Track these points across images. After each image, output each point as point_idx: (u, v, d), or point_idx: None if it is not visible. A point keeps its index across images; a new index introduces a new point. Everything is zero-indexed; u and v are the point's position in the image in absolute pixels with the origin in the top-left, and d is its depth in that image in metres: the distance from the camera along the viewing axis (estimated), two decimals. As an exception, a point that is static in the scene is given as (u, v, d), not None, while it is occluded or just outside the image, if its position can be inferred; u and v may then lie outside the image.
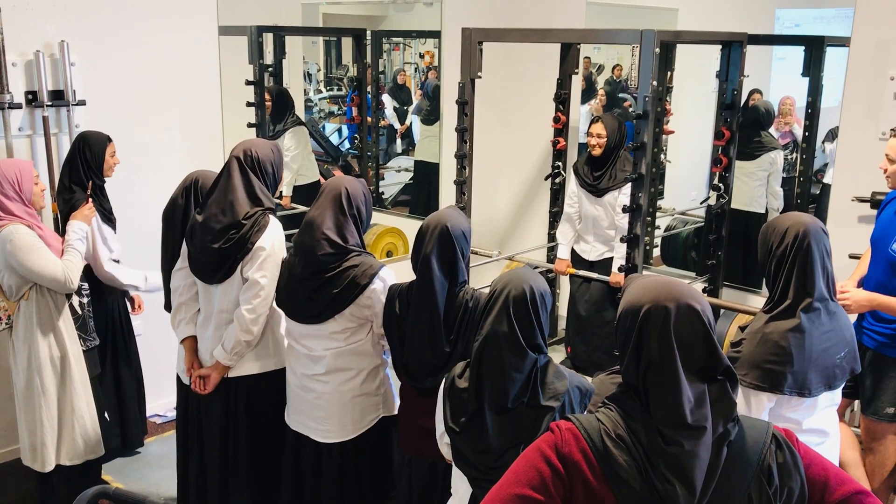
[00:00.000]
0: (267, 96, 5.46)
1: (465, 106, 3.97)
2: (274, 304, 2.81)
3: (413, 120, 6.81)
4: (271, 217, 2.77)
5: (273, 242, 2.73)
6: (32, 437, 3.20)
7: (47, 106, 3.64)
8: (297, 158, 5.47)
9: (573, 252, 4.42)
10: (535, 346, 1.97)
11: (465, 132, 4.00)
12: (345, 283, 2.59)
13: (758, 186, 4.58)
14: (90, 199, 3.35)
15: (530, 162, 5.10)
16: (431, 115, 5.79)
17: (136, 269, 3.59)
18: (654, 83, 3.52)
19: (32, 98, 3.63)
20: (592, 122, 4.22)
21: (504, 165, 5.10)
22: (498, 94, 4.84)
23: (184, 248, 2.87)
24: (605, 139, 4.11)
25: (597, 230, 4.30)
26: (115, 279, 3.50)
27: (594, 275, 4.25)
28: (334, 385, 2.69)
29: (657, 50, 3.51)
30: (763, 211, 4.51)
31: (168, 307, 3.17)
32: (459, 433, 1.99)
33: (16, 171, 3.06)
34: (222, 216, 2.71)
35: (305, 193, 5.34)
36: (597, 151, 4.14)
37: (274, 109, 5.57)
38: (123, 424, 3.87)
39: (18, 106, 3.59)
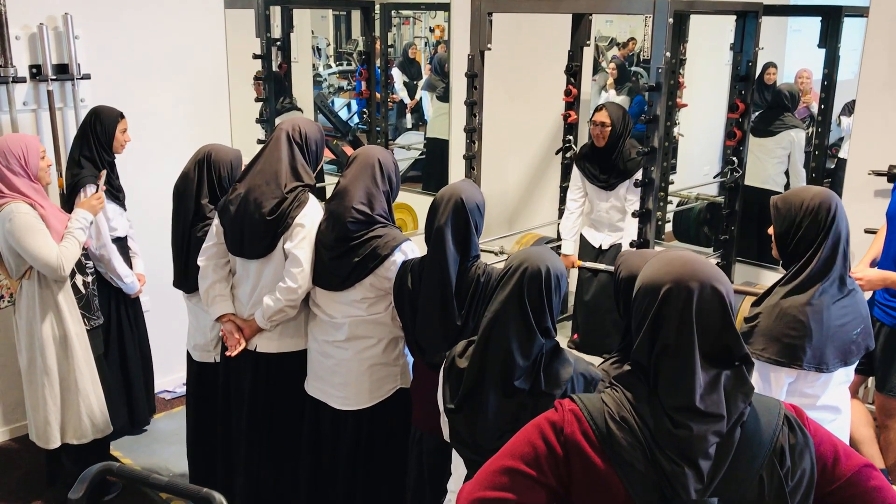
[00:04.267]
0: (259, 82, 5.41)
1: (475, 79, 3.91)
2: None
3: (423, 95, 6.74)
4: (310, 194, 2.78)
5: (312, 220, 2.74)
6: (37, 416, 3.20)
7: (52, 80, 3.60)
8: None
9: (582, 238, 4.36)
10: (544, 330, 1.90)
11: (474, 106, 3.94)
12: (366, 253, 2.61)
13: (776, 164, 4.52)
14: (101, 188, 3.29)
15: (541, 136, 5.04)
16: (445, 92, 5.74)
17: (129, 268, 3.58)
18: (668, 54, 3.45)
19: (36, 72, 3.59)
20: (596, 110, 4.14)
21: (514, 139, 5.04)
22: (508, 67, 4.77)
23: (215, 226, 2.85)
24: (609, 128, 4.03)
25: (610, 222, 4.25)
26: (108, 262, 3.44)
27: (602, 266, 4.20)
28: (353, 352, 2.71)
29: (671, 20, 3.43)
30: (781, 189, 4.45)
31: (177, 284, 3.15)
32: (456, 413, 1.95)
33: (22, 146, 3.02)
34: (266, 187, 2.72)
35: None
36: (600, 142, 4.05)
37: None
38: (131, 402, 3.87)
39: (22, 80, 3.55)
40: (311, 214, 2.74)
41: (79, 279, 3.18)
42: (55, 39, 3.61)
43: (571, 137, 4.62)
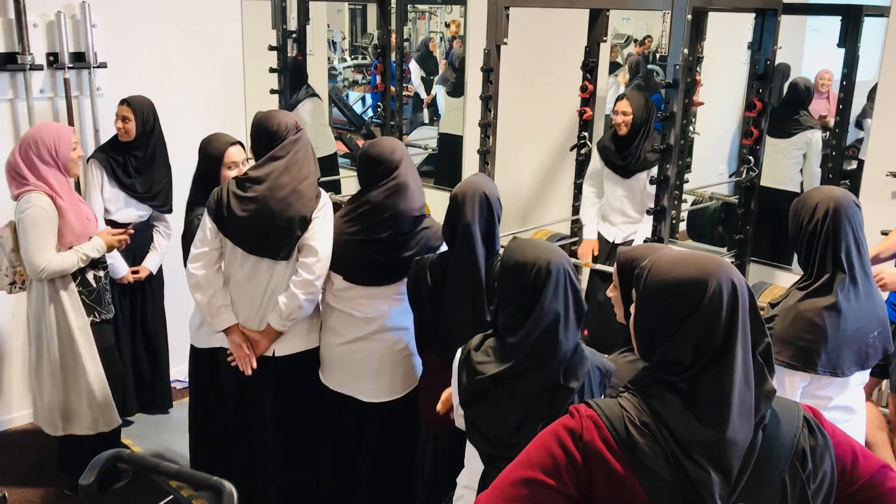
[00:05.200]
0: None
1: (490, 73, 3.88)
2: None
3: (438, 90, 6.73)
4: (320, 188, 2.83)
5: (327, 212, 2.77)
6: (41, 403, 3.23)
7: (68, 68, 3.61)
8: (308, 131, 5.43)
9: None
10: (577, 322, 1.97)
11: (489, 100, 3.91)
12: (419, 246, 2.67)
13: (792, 165, 4.47)
14: (127, 232, 3.31)
15: (555, 132, 5.01)
16: (457, 88, 5.72)
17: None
18: (686, 51, 3.42)
19: (54, 60, 3.60)
20: (618, 99, 4.10)
21: (528, 135, 5.02)
22: (524, 62, 4.75)
23: (209, 230, 2.77)
24: (632, 117, 4.00)
25: (624, 212, 4.21)
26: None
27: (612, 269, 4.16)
28: (387, 344, 2.75)
29: (689, 16, 3.40)
30: (797, 189, 4.42)
31: None
32: (471, 406, 1.95)
33: (55, 136, 3.03)
34: (300, 185, 2.75)
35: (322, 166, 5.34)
36: (623, 130, 4.01)
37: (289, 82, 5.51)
38: (144, 391, 3.90)
39: (40, 68, 3.56)
40: (325, 207, 2.76)
41: (90, 274, 3.19)
42: (72, 28, 3.62)
43: (587, 134, 4.58)
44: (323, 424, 2.95)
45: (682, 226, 4.98)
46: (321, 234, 2.73)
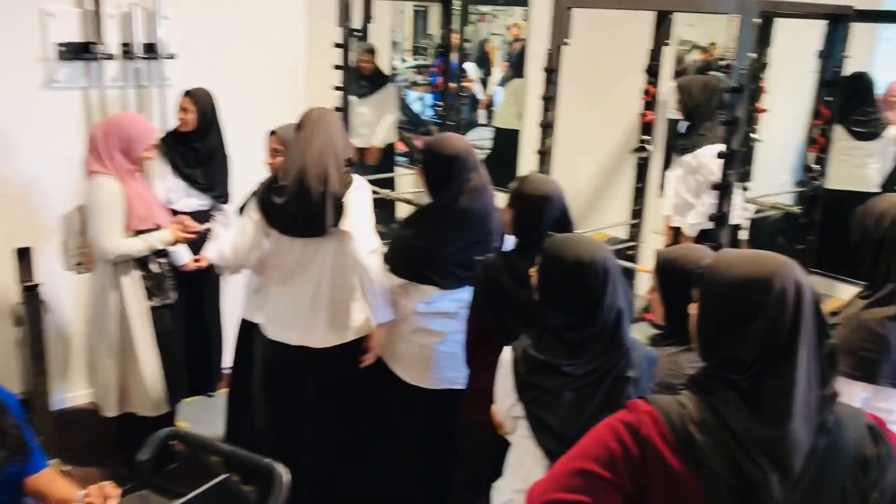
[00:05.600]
0: (367, 56, 5.50)
1: (552, 74, 3.87)
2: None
3: (497, 91, 6.74)
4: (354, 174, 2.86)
5: (365, 197, 2.83)
6: (97, 383, 3.34)
7: (140, 58, 3.71)
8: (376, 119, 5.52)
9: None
10: None
11: (549, 100, 3.90)
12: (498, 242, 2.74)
13: (870, 167, 4.39)
14: (197, 230, 3.37)
15: (615, 134, 4.98)
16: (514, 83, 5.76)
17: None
18: (752, 55, 3.38)
19: (126, 50, 3.70)
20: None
21: (587, 137, 4.99)
22: (585, 63, 4.72)
23: (254, 222, 2.86)
24: (680, 103, 4.02)
25: (676, 191, 4.20)
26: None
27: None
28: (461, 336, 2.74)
29: (758, 21, 3.35)
30: (869, 193, 4.35)
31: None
32: (539, 403, 1.96)
33: (139, 131, 3.13)
34: (327, 161, 2.79)
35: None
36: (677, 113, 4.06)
37: (375, 69, 5.62)
38: (196, 377, 3.97)
39: (113, 57, 3.67)
40: (360, 187, 2.83)
41: (153, 260, 3.27)
42: (145, 19, 3.72)
43: (648, 137, 4.54)
44: (391, 411, 2.97)
45: (743, 234, 4.89)
46: (365, 219, 2.80)
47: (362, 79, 5.50)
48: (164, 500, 2.17)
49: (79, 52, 3.57)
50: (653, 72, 4.45)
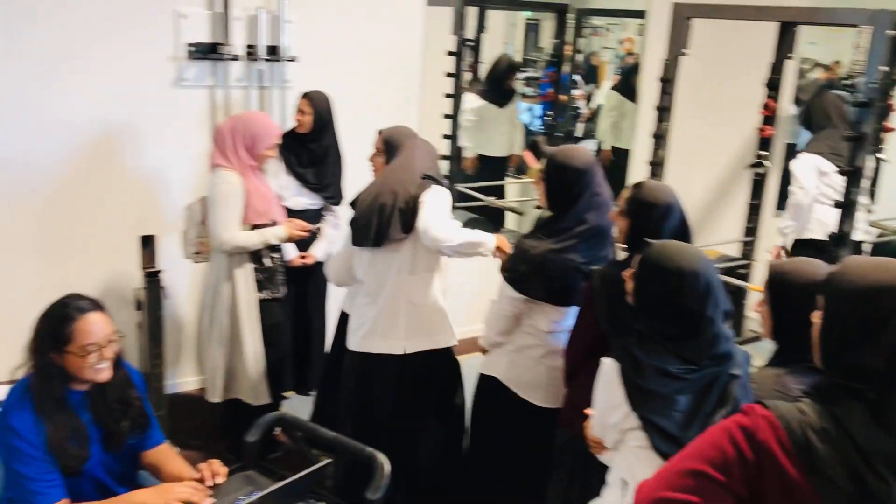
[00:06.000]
0: (511, 75, 5.68)
1: (668, 84, 3.82)
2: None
3: (600, 106, 6.68)
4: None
5: (439, 198, 2.85)
6: (206, 370, 3.47)
7: (263, 60, 3.86)
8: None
9: None
10: None
11: (664, 111, 3.85)
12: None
13: None
14: (310, 230, 3.51)
15: (731, 148, 4.84)
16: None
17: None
18: (884, 68, 3.22)
19: (251, 52, 3.86)
20: None
21: (701, 150, 4.87)
22: (701, 74, 4.62)
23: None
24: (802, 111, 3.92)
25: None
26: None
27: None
28: None
29: (890, 32, 3.20)
30: None
31: None
32: (653, 408, 1.92)
33: (264, 130, 3.27)
34: (402, 176, 2.88)
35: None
36: None
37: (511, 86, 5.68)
38: (300, 372, 4.06)
39: (238, 58, 3.82)
40: (436, 191, 2.84)
41: (267, 255, 3.39)
42: (270, 23, 3.86)
43: (766, 153, 4.39)
44: (497, 427, 2.94)
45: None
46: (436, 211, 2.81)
47: (504, 92, 5.59)
48: (269, 480, 2.21)
49: (207, 52, 3.74)
50: (773, 85, 4.31)
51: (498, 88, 5.52)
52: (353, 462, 2.39)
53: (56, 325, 2.10)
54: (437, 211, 2.77)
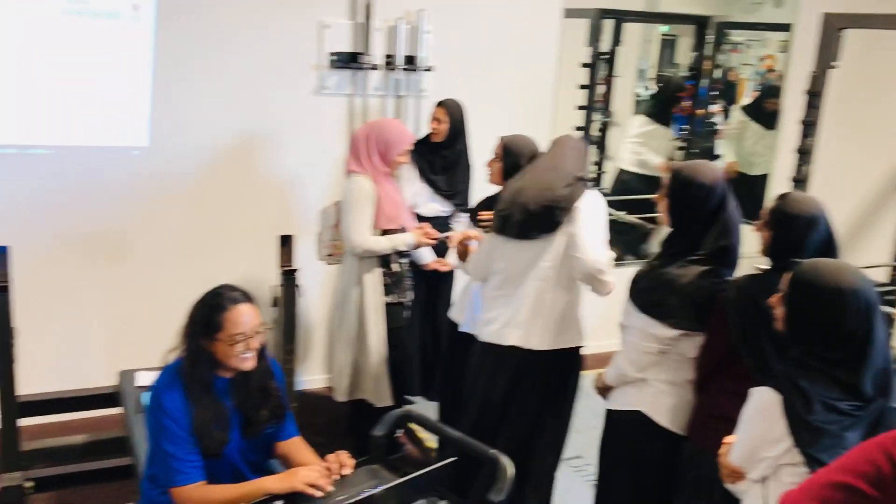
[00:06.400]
0: (683, 92, 5.59)
1: (815, 97, 3.65)
2: None
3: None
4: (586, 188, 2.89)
5: (596, 207, 2.84)
6: (333, 369, 3.55)
7: (401, 69, 3.95)
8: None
9: None
10: None
11: (810, 126, 3.68)
12: None
13: None
14: (439, 237, 3.53)
15: (880, 168, 4.57)
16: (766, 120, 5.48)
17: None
18: None
19: (389, 62, 3.96)
20: None
21: (846, 168, 4.62)
22: (849, 89, 4.39)
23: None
24: None
25: None
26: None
27: None
28: None
29: None
30: None
31: None
32: (826, 449, 1.81)
33: (398, 137, 3.34)
34: (551, 174, 2.85)
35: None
36: None
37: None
38: (426, 377, 4.10)
39: (376, 68, 3.93)
40: (595, 199, 2.84)
41: (395, 260, 3.46)
42: (409, 33, 3.96)
43: (920, 172, 4.14)
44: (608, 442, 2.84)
45: None
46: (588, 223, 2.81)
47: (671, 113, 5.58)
48: (393, 475, 2.24)
49: (347, 61, 3.87)
50: (932, 101, 4.06)
51: (667, 110, 5.49)
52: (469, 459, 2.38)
53: (209, 313, 2.20)
54: (592, 233, 2.78)
